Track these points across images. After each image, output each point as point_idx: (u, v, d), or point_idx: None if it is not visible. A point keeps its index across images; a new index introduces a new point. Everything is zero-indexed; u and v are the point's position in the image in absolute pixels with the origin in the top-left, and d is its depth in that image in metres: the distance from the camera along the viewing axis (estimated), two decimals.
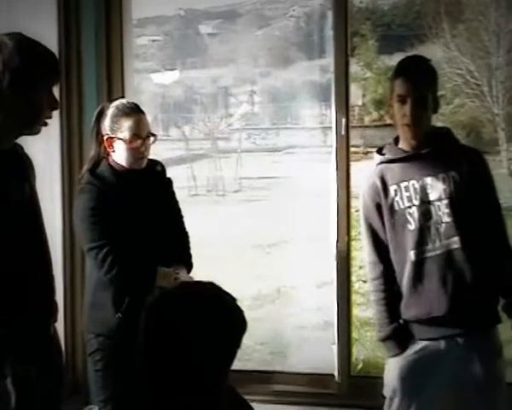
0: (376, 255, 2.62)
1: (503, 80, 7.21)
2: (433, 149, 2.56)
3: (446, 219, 2.51)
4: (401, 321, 2.60)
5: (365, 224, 2.65)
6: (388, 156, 2.63)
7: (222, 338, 1.54)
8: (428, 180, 2.54)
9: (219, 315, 1.55)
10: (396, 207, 2.57)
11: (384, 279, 2.62)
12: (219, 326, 1.54)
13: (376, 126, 8.06)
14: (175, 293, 1.61)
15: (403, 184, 2.57)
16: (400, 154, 2.60)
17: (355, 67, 7.45)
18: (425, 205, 2.53)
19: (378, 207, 2.61)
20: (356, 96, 7.72)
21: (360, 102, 8.16)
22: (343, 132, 3.42)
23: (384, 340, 2.63)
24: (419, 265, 2.53)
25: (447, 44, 7.22)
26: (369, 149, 7.08)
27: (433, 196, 2.54)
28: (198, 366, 1.52)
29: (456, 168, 2.55)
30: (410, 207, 2.55)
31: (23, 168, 2.26)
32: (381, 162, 2.64)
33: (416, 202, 2.54)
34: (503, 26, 7.02)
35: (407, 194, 2.55)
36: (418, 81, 2.53)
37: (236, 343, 1.58)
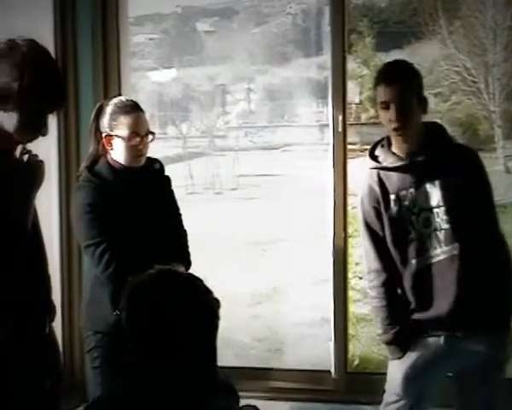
0: (381, 264, 2.60)
1: (500, 77, 7.21)
2: (428, 154, 2.53)
3: (445, 225, 2.51)
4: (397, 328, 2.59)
5: (367, 231, 2.62)
6: (384, 164, 2.60)
7: (200, 310, 1.60)
8: (426, 187, 2.52)
9: (194, 288, 1.64)
10: (396, 216, 2.55)
11: (387, 287, 2.60)
12: (195, 297, 1.61)
13: (373, 124, 8.06)
14: (149, 275, 1.69)
15: (401, 193, 2.55)
16: (396, 162, 2.57)
17: (352, 65, 7.43)
18: (424, 212, 2.53)
19: (377, 212, 2.59)
20: (353, 93, 7.72)
21: (357, 100, 8.16)
22: (340, 129, 3.43)
23: (387, 344, 2.64)
24: (422, 272, 2.53)
25: (444, 41, 7.21)
26: (366, 147, 7.07)
27: (431, 203, 2.52)
28: (180, 338, 1.57)
29: (454, 172, 2.52)
30: (410, 215, 2.53)
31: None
32: (377, 168, 2.62)
33: (415, 210, 2.53)
34: (499, 23, 7.01)
35: (406, 203, 2.54)
36: (398, 85, 2.51)
37: (215, 314, 1.63)
